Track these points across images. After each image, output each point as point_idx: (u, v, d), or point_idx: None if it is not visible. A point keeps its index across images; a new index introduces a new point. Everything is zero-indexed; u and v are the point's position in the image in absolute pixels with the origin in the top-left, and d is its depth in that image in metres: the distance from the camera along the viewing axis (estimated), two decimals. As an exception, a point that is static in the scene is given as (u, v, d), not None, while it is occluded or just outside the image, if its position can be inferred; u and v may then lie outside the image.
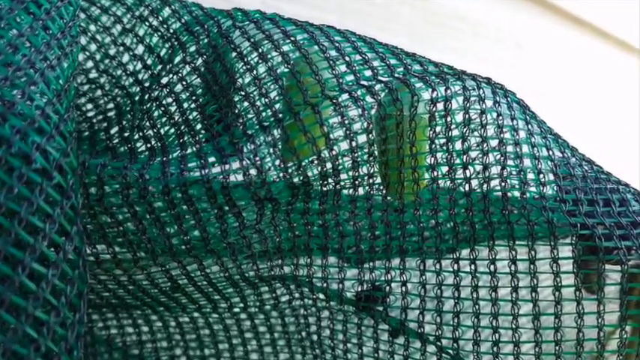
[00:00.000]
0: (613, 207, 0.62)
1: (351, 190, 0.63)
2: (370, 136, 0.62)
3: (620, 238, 0.62)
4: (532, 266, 0.61)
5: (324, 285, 0.62)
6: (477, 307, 0.62)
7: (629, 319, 0.62)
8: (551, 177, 0.62)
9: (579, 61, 0.61)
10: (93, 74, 0.62)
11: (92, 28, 0.62)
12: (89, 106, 0.62)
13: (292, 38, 0.62)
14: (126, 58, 0.62)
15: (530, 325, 0.62)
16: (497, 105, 0.62)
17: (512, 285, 0.62)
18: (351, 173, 0.62)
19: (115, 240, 0.62)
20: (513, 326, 0.62)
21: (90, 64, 0.62)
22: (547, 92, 0.52)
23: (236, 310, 0.62)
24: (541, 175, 0.62)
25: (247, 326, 0.63)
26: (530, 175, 0.62)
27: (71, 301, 0.66)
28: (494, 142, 0.62)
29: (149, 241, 0.62)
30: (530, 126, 0.62)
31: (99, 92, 0.62)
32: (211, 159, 0.62)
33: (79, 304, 0.66)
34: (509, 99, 0.63)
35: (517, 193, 0.62)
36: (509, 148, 0.61)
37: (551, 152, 0.62)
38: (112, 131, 0.63)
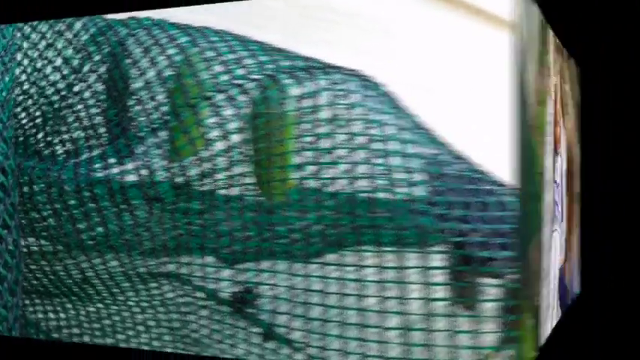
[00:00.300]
0: (490, 211, 0.54)
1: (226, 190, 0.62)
2: (245, 135, 0.61)
3: (499, 247, 0.53)
4: (399, 275, 0.55)
5: (203, 284, 0.63)
6: (343, 315, 0.58)
7: (511, 342, 0.53)
8: (422, 176, 0.55)
9: (451, 44, 0.51)
10: (26, 86, 0.70)
11: (25, 44, 0.70)
12: (23, 114, 0.70)
13: (176, 42, 0.64)
14: (49, 69, 0.69)
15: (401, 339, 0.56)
16: (365, 98, 0.57)
17: (380, 294, 0.56)
18: (225, 173, 0.62)
19: (41, 234, 0.70)
20: (381, 339, 0.56)
21: (23, 77, 0.70)
22: (420, 80, 0.45)
23: (130, 303, 0.66)
24: (410, 175, 0.56)
25: (139, 320, 0.65)
26: (400, 175, 0.56)
27: (10, 286, 0.75)
28: (362, 139, 0.57)
29: (65, 235, 0.68)
30: (400, 120, 0.56)
31: (30, 102, 0.70)
32: (112, 160, 0.67)
33: (16, 290, 0.75)
34: (379, 91, 0.57)
35: (385, 194, 0.56)
36: (377, 145, 0.56)
37: (422, 149, 0.56)
38: (39, 136, 0.70)
